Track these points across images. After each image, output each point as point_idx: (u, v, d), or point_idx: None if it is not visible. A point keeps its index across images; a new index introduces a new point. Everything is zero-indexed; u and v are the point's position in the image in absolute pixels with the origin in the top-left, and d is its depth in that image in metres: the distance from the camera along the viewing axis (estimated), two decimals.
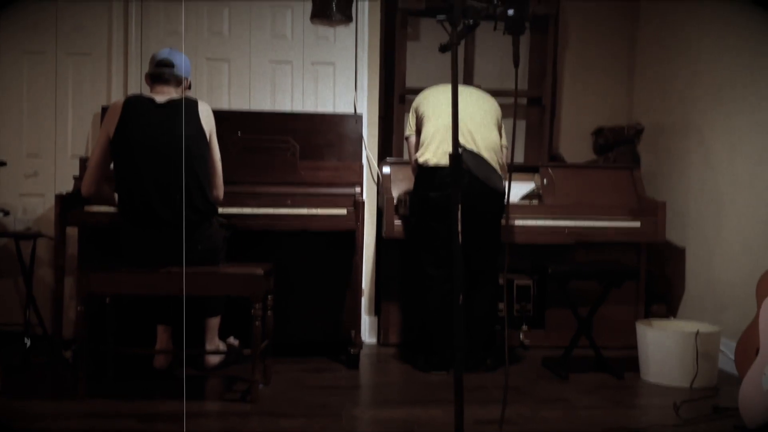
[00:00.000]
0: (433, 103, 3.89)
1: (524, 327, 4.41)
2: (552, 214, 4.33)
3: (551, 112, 5.08)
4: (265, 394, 3.29)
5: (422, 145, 3.87)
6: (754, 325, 2.89)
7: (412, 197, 4.04)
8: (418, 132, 3.95)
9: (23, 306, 4.14)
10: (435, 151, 3.79)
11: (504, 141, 4.00)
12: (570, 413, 3.14)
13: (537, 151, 5.10)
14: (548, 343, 4.34)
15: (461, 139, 3.68)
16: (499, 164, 3.86)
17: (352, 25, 4.60)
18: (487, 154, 3.78)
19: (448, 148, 3.75)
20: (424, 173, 3.85)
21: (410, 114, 4.04)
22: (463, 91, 3.87)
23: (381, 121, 4.78)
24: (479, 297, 3.83)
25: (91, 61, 4.47)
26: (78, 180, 3.91)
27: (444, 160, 3.74)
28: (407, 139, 4.07)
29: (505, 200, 3.82)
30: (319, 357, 4.04)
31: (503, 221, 3.90)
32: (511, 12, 2.31)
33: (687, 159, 4.51)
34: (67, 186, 4.12)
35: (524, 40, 5.04)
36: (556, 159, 5.04)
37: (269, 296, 3.48)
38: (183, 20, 4.55)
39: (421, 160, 3.84)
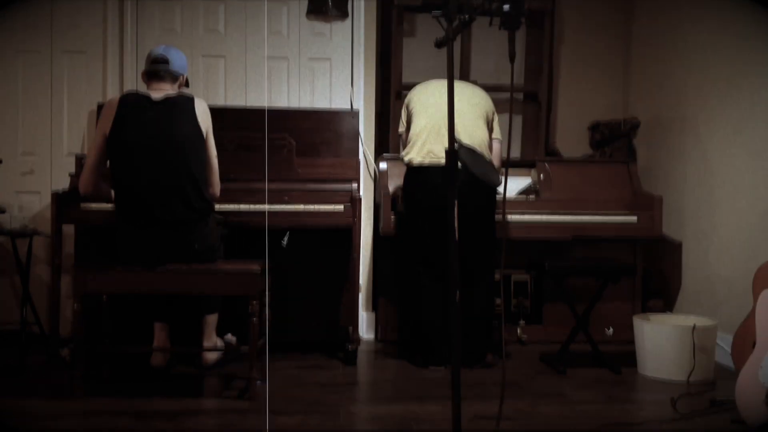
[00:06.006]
0: (421, 100, 3.88)
1: (521, 322, 4.42)
2: (549, 210, 4.33)
3: (547, 107, 5.08)
4: (262, 392, 3.29)
5: (408, 143, 3.86)
6: (750, 318, 2.90)
7: (402, 196, 4.04)
8: (408, 129, 3.94)
9: (20, 305, 4.13)
10: (419, 150, 3.78)
11: (498, 134, 3.98)
12: (567, 408, 3.14)
13: (533, 146, 5.10)
14: (545, 339, 4.34)
15: (447, 135, 3.67)
16: (487, 161, 3.84)
17: (348, 21, 4.60)
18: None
19: (433, 147, 3.76)
20: (409, 174, 3.85)
21: (402, 110, 4.03)
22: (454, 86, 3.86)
23: (378, 117, 4.78)
24: (475, 293, 3.82)
25: (87, 59, 4.46)
26: (74, 177, 3.91)
27: (428, 160, 3.75)
28: (401, 135, 4.07)
29: (499, 195, 3.85)
30: (317, 354, 4.05)
31: (500, 217, 3.90)
32: (506, 7, 2.31)
33: (683, 153, 4.51)
34: (63, 184, 4.12)
35: (520, 36, 5.04)
36: (552, 154, 5.04)
37: (266, 293, 3.48)
38: (179, 17, 4.54)
39: (406, 159, 3.83)
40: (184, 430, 2.81)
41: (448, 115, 2.24)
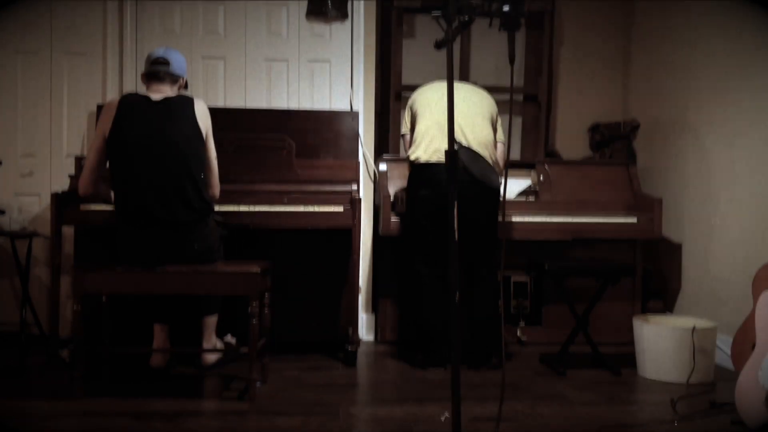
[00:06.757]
0: (425, 101, 3.89)
1: (521, 323, 4.42)
2: (548, 211, 4.33)
3: (547, 109, 5.09)
4: (262, 393, 3.29)
5: (414, 142, 3.88)
6: (750, 320, 2.89)
7: (406, 195, 4.04)
8: (413, 130, 3.95)
9: (19, 306, 4.14)
10: (426, 149, 3.79)
11: (501, 137, 3.99)
12: (567, 409, 3.14)
13: (533, 147, 5.10)
14: (545, 340, 4.34)
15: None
16: (492, 160, 3.85)
17: (348, 22, 4.60)
18: (478, 151, 3.78)
19: (439, 145, 3.77)
20: (415, 171, 3.85)
21: (405, 111, 4.04)
22: (457, 87, 3.87)
23: (377, 118, 4.78)
24: (478, 294, 3.82)
25: (86, 61, 4.46)
26: (74, 179, 3.91)
27: (434, 158, 3.76)
28: (403, 136, 4.07)
29: (501, 196, 3.85)
30: (317, 355, 4.05)
31: (500, 218, 3.90)
32: (506, 8, 2.31)
33: (683, 155, 4.52)
34: (63, 185, 4.12)
35: (520, 37, 5.04)
36: (552, 155, 5.04)
37: (266, 294, 3.48)
38: (179, 19, 4.55)
39: (412, 157, 3.84)
40: (183, 430, 2.81)
41: (448, 116, 2.25)
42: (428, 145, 3.79)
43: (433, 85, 3.97)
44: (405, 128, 4.04)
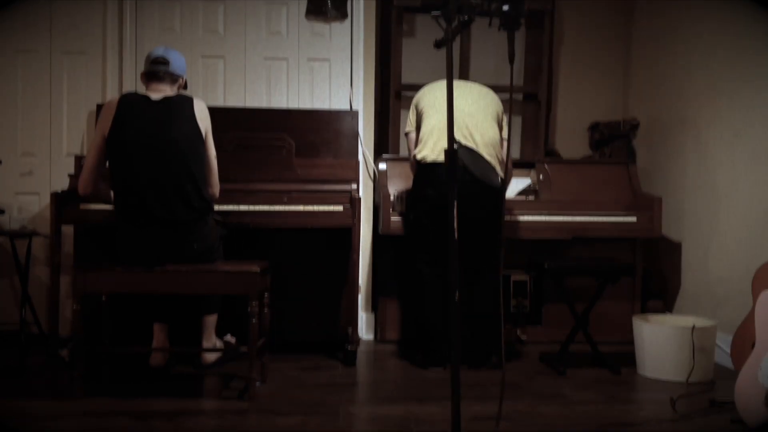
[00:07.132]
0: (431, 100, 3.88)
1: (521, 323, 4.42)
2: (548, 210, 4.33)
3: (547, 108, 5.09)
4: (262, 392, 3.29)
5: (420, 141, 3.87)
6: (749, 319, 2.90)
7: (410, 194, 4.04)
8: (418, 128, 3.94)
9: (19, 305, 4.14)
10: (432, 148, 3.78)
11: (505, 133, 3.98)
12: (567, 408, 3.14)
13: (533, 146, 5.10)
14: (545, 339, 4.35)
15: (458, 135, 3.68)
16: (499, 160, 3.85)
17: (348, 21, 4.60)
18: (485, 150, 3.77)
19: (446, 144, 3.75)
20: (421, 170, 3.84)
21: (410, 110, 4.02)
22: (462, 86, 3.87)
23: (377, 117, 4.78)
24: (478, 294, 3.82)
25: (86, 60, 4.46)
26: (74, 178, 3.91)
27: (441, 157, 3.74)
28: (407, 135, 4.06)
29: (503, 196, 3.84)
30: (316, 354, 4.05)
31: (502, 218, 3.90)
32: (506, 8, 2.31)
33: (683, 154, 4.52)
34: (63, 184, 4.12)
35: (519, 36, 5.04)
36: (551, 154, 5.04)
37: (266, 294, 3.49)
38: (179, 18, 4.55)
39: (419, 156, 3.84)
40: (183, 430, 2.81)
41: (448, 115, 2.25)
42: (435, 144, 3.78)
43: (439, 84, 3.96)
44: (410, 127, 4.02)
